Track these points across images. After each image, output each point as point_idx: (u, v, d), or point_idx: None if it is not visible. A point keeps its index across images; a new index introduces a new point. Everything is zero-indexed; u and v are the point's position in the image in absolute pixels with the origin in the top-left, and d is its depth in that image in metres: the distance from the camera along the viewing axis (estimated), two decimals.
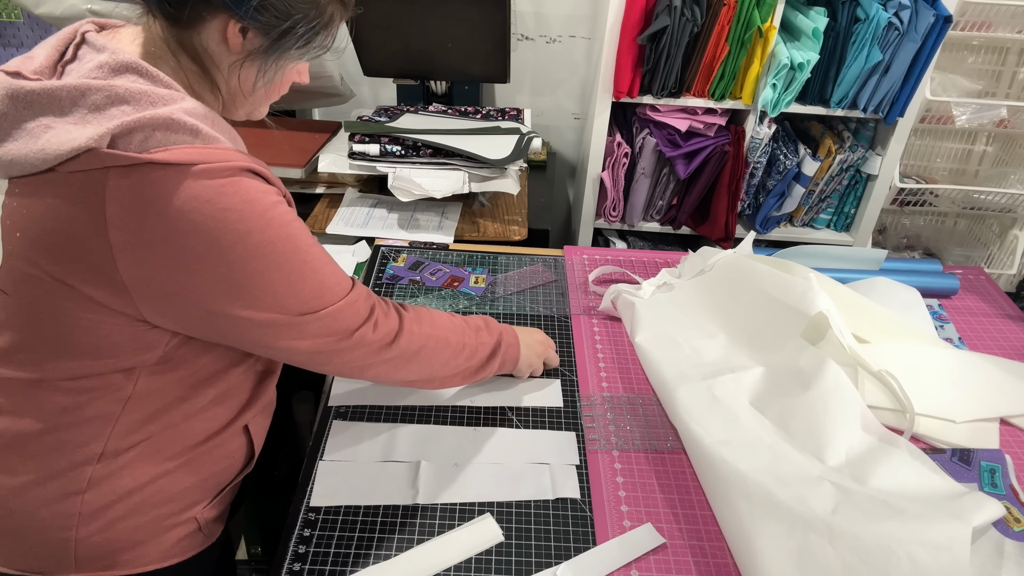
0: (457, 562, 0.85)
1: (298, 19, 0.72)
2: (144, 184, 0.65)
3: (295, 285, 0.74)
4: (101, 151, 0.64)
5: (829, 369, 1.02)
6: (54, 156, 0.65)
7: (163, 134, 0.66)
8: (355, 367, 0.85)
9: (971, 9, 1.76)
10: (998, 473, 1.01)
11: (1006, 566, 0.84)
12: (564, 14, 2.08)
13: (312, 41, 0.76)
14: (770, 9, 1.61)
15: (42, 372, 0.74)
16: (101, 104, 0.66)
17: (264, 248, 0.71)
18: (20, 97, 0.67)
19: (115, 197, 0.65)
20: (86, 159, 0.65)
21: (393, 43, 1.80)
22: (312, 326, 0.77)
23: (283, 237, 0.73)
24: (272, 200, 0.73)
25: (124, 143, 0.65)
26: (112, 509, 0.79)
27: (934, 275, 1.39)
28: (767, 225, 1.92)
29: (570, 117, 2.26)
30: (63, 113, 0.67)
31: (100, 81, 0.67)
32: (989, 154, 2.08)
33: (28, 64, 0.70)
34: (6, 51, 2.10)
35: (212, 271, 0.70)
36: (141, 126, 0.66)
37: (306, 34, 0.74)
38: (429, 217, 1.64)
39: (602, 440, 1.03)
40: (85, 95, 0.66)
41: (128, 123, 0.65)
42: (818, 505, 0.84)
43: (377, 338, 0.83)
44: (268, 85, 0.79)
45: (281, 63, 0.77)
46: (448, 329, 0.94)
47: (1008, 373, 1.15)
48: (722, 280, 1.24)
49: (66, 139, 0.65)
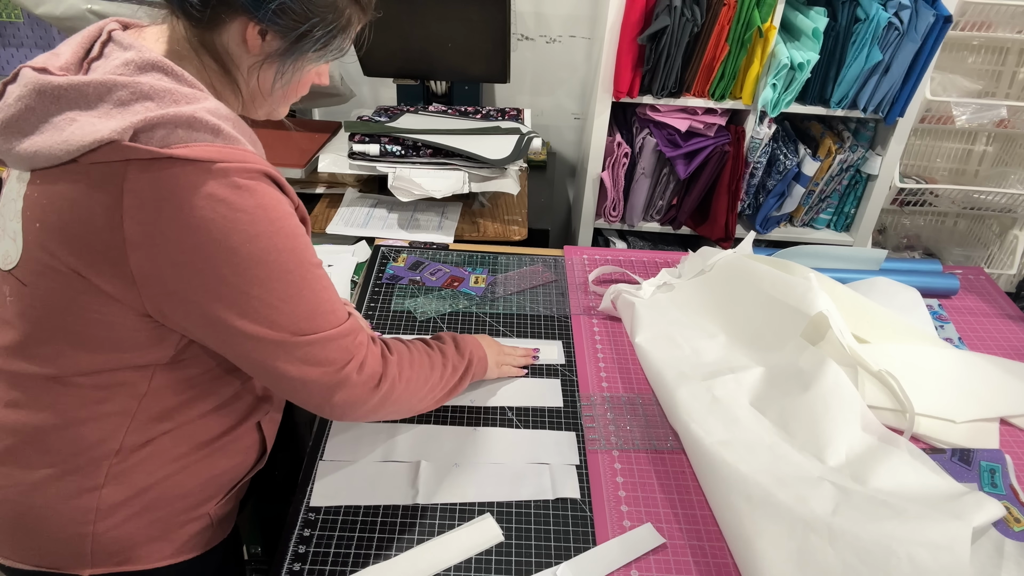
0: (457, 562, 0.86)
1: (316, 22, 0.73)
2: (163, 178, 0.66)
3: (291, 300, 0.73)
4: (123, 144, 0.65)
5: (829, 369, 1.02)
6: (77, 147, 0.65)
7: (185, 131, 0.67)
8: (346, 407, 0.82)
9: (971, 9, 1.76)
10: (998, 473, 1.01)
11: (1006, 566, 0.84)
12: (564, 14, 2.08)
13: (330, 44, 0.77)
14: (770, 9, 1.61)
15: (58, 367, 0.74)
16: (126, 100, 0.67)
17: (269, 255, 0.71)
18: (47, 92, 0.68)
19: (133, 189, 0.66)
20: (108, 151, 0.65)
21: (393, 43, 1.80)
22: (302, 350, 0.75)
23: (290, 248, 0.72)
24: (285, 210, 0.73)
25: (146, 138, 0.66)
26: (129, 504, 0.79)
27: (934, 275, 1.39)
28: (767, 225, 1.92)
29: (570, 117, 2.26)
30: (89, 107, 0.67)
31: (126, 78, 0.68)
32: (989, 154, 2.08)
33: (54, 61, 0.71)
34: (6, 51, 2.10)
35: (215, 272, 0.69)
36: (164, 122, 0.66)
37: (324, 37, 0.75)
38: (429, 217, 1.64)
39: (602, 440, 1.03)
40: (111, 91, 0.67)
41: (151, 118, 0.66)
42: (818, 505, 0.84)
43: (362, 380, 0.81)
44: (286, 87, 0.80)
45: (299, 65, 0.78)
46: (426, 367, 0.93)
47: (1008, 373, 1.15)
48: (722, 280, 1.24)
49: (89, 131, 0.65)
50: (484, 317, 1.26)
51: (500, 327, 1.24)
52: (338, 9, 0.75)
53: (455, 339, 1.02)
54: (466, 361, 1.01)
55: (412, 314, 1.25)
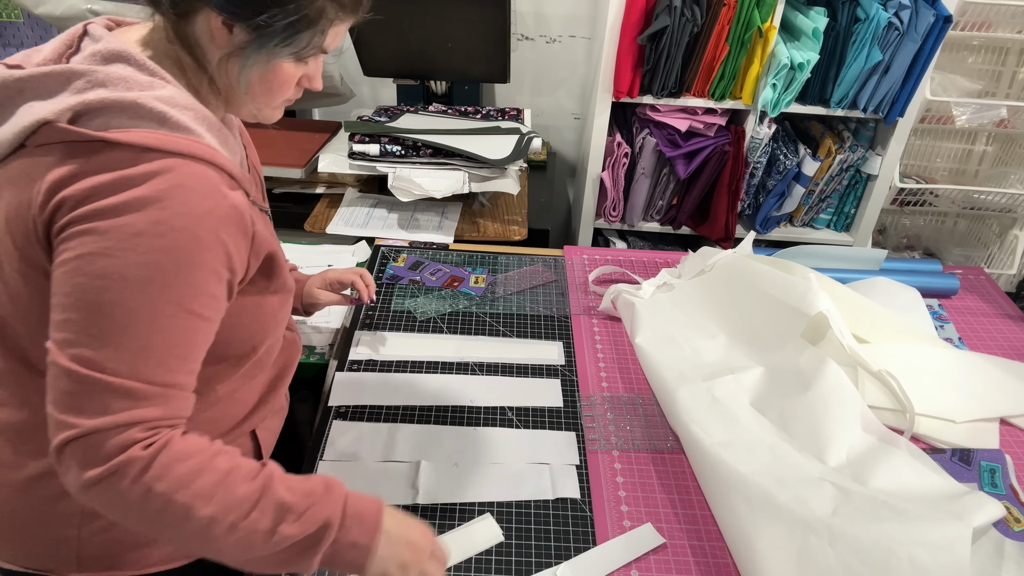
0: (457, 562, 0.85)
1: (276, 13, 0.69)
2: (91, 161, 0.65)
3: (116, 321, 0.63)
4: (59, 125, 0.65)
5: (829, 369, 1.02)
6: (20, 129, 0.66)
7: (127, 118, 0.66)
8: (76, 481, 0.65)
9: (971, 9, 1.76)
10: (998, 473, 1.01)
11: (1006, 566, 0.84)
12: (564, 14, 2.08)
13: (296, 38, 0.72)
14: (770, 9, 1.61)
15: (33, 361, 0.72)
16: (82, 88, 0.67)
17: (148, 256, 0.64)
18: (11, 85, 0.68)
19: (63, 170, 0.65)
20: (46, 132, 0.65)
21: (393, 43, 1.80)
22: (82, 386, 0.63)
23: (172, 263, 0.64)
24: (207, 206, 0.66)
25: (85, 121, 0.65)
26: None
27: (934, 275, 1.39)
28: (767, 225, 1.92)
29: (570, 117, 2.26)
30: (48, 96, 0.67)
31: (86, 66, 0.68)
32: (989, 154, 2.08)
33: (35, 56, 0.72)
34: (6, 51, 2.10)
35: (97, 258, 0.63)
36: (105, 107, 0.66)
37: (287, 30, 0.70)
38: (429, 217, 1.64)
39: (602, 440, 1.03)
40: (70, 79, 0.67)
41: (91, 101, 0.65)
42: (818, 507, 0.84)
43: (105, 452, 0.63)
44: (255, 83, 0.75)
45: (266, 59, 0.73)
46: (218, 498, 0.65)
47: (1008, 373, 1.15)
48: (722, 280, 1.24)
49: (33, 113, 0.66)
50: (484, 317, 1.26)
51: (500, 327, 1.24)
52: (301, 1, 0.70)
53: (328, 486, 0.70)
54: (321, 522, 0.68)
55: (412, 314, 1.25)
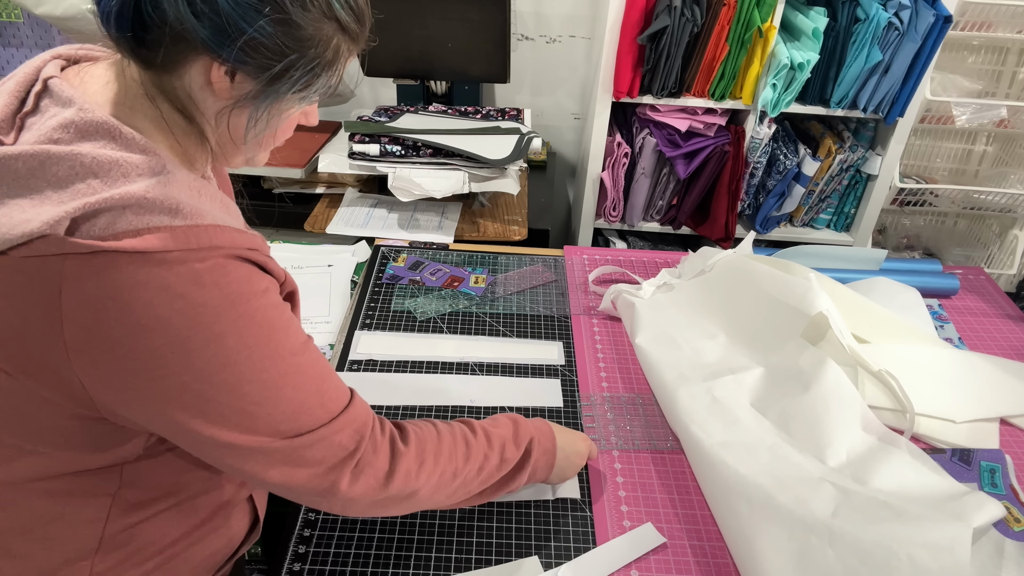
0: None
1: (294, 59, 0.61)
2: (106, 275, 0.56)
3: (268, 403, 0.63)
4: (57, 237, 0.55)
5: (829, 369, 1.02)
6: (3, 240, 0.55)
7: (135, 215, 0.57)
8: (346, 506, 0.71)
9: (971, 9, 1.76)
10: (998, 473, 1.01)
11: (1006, 566, 0.84)
12: (564, 14, 2.08)
13: (313, 83, 0.65)
14: (770, 9, 1.61)
15: (13, 473, 0.66)
16: (64, 177, 0.57)
17: (238, 355, 0.61)
18: None
19: (73, 289, 0.56)
20: (41, 245, 0.55)
21: (393, 43, 1.80)
22: (283, 454, 0.65)
23: (264, 343, 0.62)
24: (259, 288, 0.63)
25: (88, 226, 0.56)
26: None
27: (934, 275, 1.39)
28: (767, 225, 1.92)
29: (570, 117, 2.26)
30: (19, 187, 0.57)
31: (63, 147, 0.58)
32: (989, 154, 2.08)
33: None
34: (6, 51, 2.10)
35: (175, 378, 0.60)
36: (109, 206, 0.56)
37: (304, 76, 0.63)
38: (429, 217, 1.64)
39: (602, 440, 1.03)
40: (44, 166, 0.57)
41: (92, 204, 0.56)
42: (818, 507, 0.84)
43: (363, 479, 0.69)
44: (261, 135, 0.68)
45: (277, 109, 0.66)
46: (459, 459, 0.78)
47: (1008, 373, 1.15)
48: (722, 280, 1.24)
49: (19, 221, 0.55)
50: (484, 317, 1.26)
51: (500, 327, 1.24)
52: (322, 42, 0.62)
53: (515, 423, 0.86)
54: (522, 451, 0.84)
55: (412, 314, 1.26)
